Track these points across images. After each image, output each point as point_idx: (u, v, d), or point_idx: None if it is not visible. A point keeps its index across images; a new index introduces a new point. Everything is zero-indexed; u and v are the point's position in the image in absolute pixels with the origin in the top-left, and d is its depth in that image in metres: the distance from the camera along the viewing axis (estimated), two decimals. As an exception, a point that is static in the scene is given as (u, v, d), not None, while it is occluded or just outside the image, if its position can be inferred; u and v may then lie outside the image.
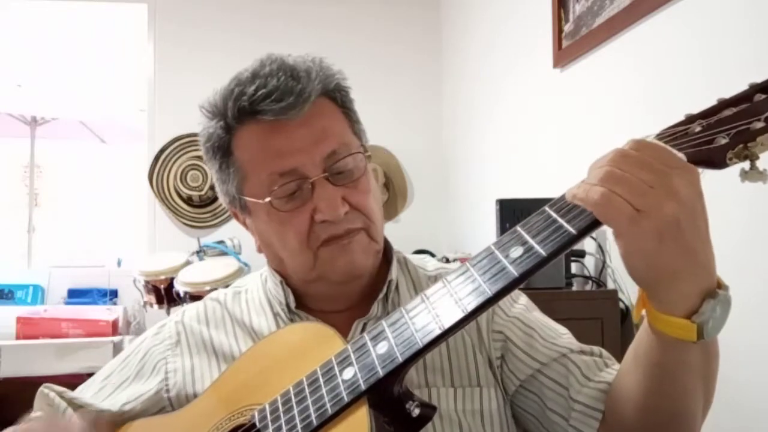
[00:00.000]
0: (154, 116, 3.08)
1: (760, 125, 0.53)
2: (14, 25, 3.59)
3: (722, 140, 0.54)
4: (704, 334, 0.54)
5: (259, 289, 0.88)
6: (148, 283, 2.44)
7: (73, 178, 4.79)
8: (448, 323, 0.57)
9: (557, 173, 1.98)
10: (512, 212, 1.68)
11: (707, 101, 0.60)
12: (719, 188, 1.24)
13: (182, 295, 2.25)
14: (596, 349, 0.80)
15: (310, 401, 0.63)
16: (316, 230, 0.75)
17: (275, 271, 0.84)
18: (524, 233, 0.58)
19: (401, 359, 0.58)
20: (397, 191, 3.14)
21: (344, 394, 0.60)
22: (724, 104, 0.58)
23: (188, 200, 3.03)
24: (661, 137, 0.58)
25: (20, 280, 2.96)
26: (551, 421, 0.74)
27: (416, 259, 0.91)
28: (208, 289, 2.14)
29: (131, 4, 3.14)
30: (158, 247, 3.03)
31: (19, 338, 2.40)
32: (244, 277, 0.95)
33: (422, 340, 0.58)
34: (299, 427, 0.61)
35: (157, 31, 3.09)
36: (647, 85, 1.50)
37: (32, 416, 0.83)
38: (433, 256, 2.61)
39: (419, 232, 3.08)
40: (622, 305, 1.56)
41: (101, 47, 3.79)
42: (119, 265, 3.21)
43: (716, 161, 0.54)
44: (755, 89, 0.57)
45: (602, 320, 1.54)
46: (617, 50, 1.64)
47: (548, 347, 0.78)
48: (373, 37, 3.19)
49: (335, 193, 0.74)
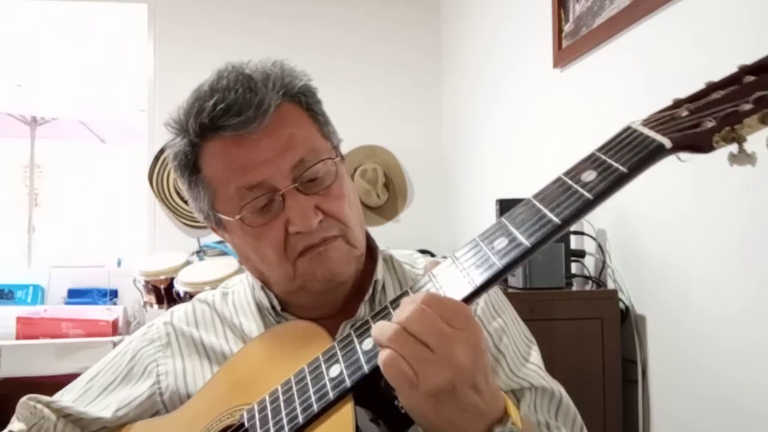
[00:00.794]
0: (154, 116, 3.08)
1: (748, 107, 0.52)
2: (14, 25, 3.59)
3: (709, 123, 0.53)
4: None
5: (246, 290, 0.87)
6: (148, 283, 2.44)
7: (73, 178, 4.79)
8: None
9: (557, 173, 1.97)
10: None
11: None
12: (720, 188, 1.24)
13: (182, 295, 2.25)
14: (557, 392, 0.79)
15: (297, 400, 0.63)
16: (291, 242, 0.74)
17: (257, 278, 0.84)
18: (509, 224, 0.58)
19: None
20: (397, 191, 3.14)
21: (330, 391, 0.60)
22: (712, 87, 0.57)
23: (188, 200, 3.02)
24: (647, 122, 0.57)
25: (20, 280, 2.96)
26: None
27: (404, 255, 0.89)
28: (208, 289, 2.14)
29: (131, 4, 3.14)
30: (158, 247, 3.03)
31: (19, 338, 2.40)
32: (231, 278, 0.94)
33: None
34: (286, 426, 0.61)
35: (157, 31, 3.09)
36: (647, 85, 1.50)
37: (13, 428, 0.82)
38: (433, 255, 2.61)
39: (419, 232, 3.08)
40: (622, 305, 1.56)
41: (101, 47, 3.79)
42: (119, 265, 3.21)
43: (703, 145, 0.53)
44: (744, 71, 0.56)
45: (602, 320, 1.54)
46: (617, 50, 1.64)
47: (509, 377, 0.77)
48: (373, 37, 3.19)
49: (307, 203, 0.73)
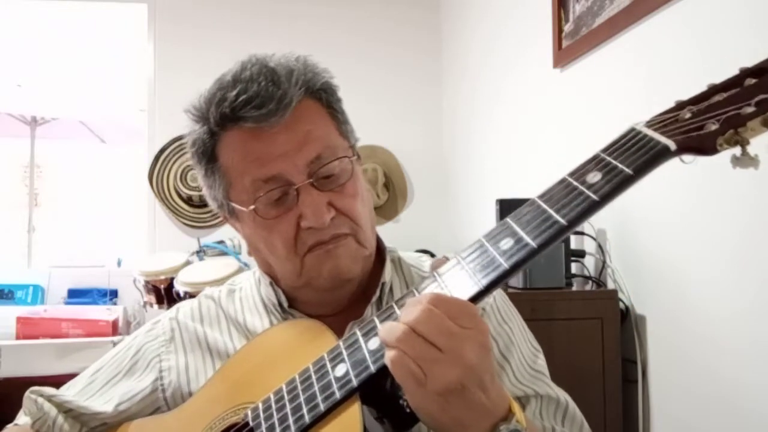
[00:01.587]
0: (154, 116, 3.08)
1: (750, 110, 0.52)
2: (14, 25, 3.59)
3: (712, 126, 0.53)
4: None
5: (252, 287, 0.87)
6: (148, 283, 2.44)
7: (73, 178, 4.79)
8: None
9: (557, 173, 1.97)
10: (512, 212, 1.68)
11: (707, 101, 0.59)
12: (720, 189, 1.24)
13: (182, 295, 2.25)
14: (563, 400, 0.79)
15: (302, 399, 0.62)
16: (302, 236, 0.75)
17: (265, 272, 0.84)
18: (514, 224, 0.58)
19: None
20: (397, 191, 3.14)
21: (336, 391, 0.60)
22: (714, 90, 0.57)
23: (188, 200, 3.02)
24: (650, 124, 0.57)
25: (20, 280, 2.96)
26: None
27: (412, 258, 0.89)
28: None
29: (131, 4, 3.14)
30: (158, 247, 3.03)
31: (19, 338, 2.40)
32: (239, 275, 0.94)
33: None
34: (292, 425, 0.61)
35: (157, 31, 3.09)
36: (647, 85, 1.50)
37: (20, 422, 0.82)
38: (433, 256, 2.61)
39: (419, 232, 3.08)
40: (622, 305, 1.56)
41: (101, 47, 3.79)
42: (119, 265, 3.21)
43: (706, 148, 0.53)
44: (745, 74, 0.57)
45: (602, 320, 1.54)
46: (617, 50, 1.64)
47: (514, 384, 0.78)
48: (373, 37, 3.19)
49: (320, 199, 0.73)
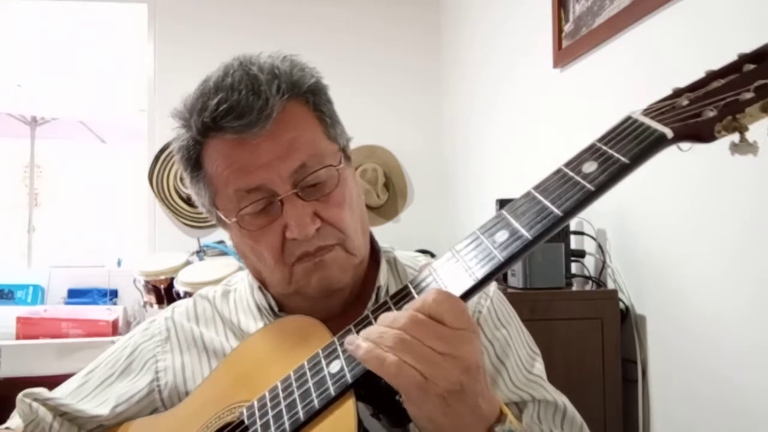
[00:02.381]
0: (154, 116, 3.08)
1: (749, 96, 0.52)
2: (14, 25, 3.58)
3: (710, 113, 0.53)
4: None
5: (246, 289, 0.87)
6: (148, 283, 2.44)
7: (73, 178, 4.78)
8: None
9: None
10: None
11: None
12: (720, 189, 1.24)
13: (182, 295, 2.25)
14: (561, 404, 0.78)
15: (297, 396, 0.62)
16: (288, 247, 0.73)
17: (255, 278, 0.83)
18: (509, 216, 0.57)
19: None
20: (397, 191, 3.14)
21: (331, 387, 0.60)
22: (712, 76, 0.57)
23: (188, 200, 3.02)
24: (647, 112, 0.57)
25: (20, 280, 2.96)
26: None
27: (408, 257, 0.88)
28: (208, 289, 2.14)
29: (131, 4, 3.14)
30: (158, 247, 3.03)
31: (19, 338, 2.40)
32: (235, 275, 0.94)
33: None
34: (287, 423, 0.61)
35: (157, 31, 3.09)
36: (647, 85, 1.50)
37: (11, 424, 0.82)
38: (433, 256, 2.61)
39: (419, 232, 3.08)
40: (622, 305, 1.56)
41: (101, 47, 3.79)
42: (119, 265, 3.21)
43: (704, 135, 0.53)
44: (744, 59, 0.56)
45: (602, 320, 1.54)
46: (617, 50, 1.64)
47: (510, 389, 0.77)
48: (373, 37, 3.19)
49: (305, 210, 0.71)
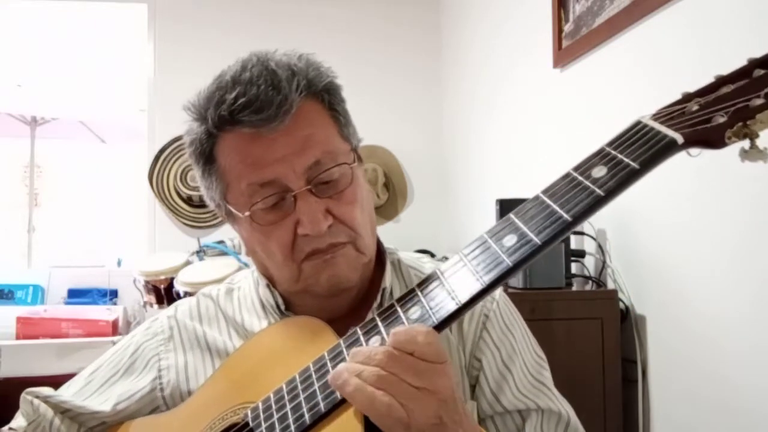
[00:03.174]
0: (154, 116, 3.08)
1: (759, 102, 0.51)
2: (14, 25, 3.58)
3: (720, 119, 0.52)
4: None
5: (251, 287, 0.86)
6: (148, 283, 2.44)
7: (73, 178, 4.78)
8: (441, 316, 0.57)
9: (557, 173, 1.97)
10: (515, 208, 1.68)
11: (707, 101, 0.59)
12: (720, 189, 1.24)
13: (182, 295, 2.25)
14: (564, 414, 0.78)
15: (302, 398, 0.62)
16: (299, 243, 0.73)
17: (262, 275, 0.83)
18: (517, 221, 0.57)
19: None
20: (397, 191, 3.14)
21: (337, 391, 0.59)
22: (721, 81, 0.56)
23: (188, 200, 3.02)
24: (657, 117, 0.56)
25: (20, 280, 2.96)
26: None
27: (412, 259, 0.88)
28: (208, 289, 2.14)
29: (131, 4, 3.14)
30: (158, 247, 3.03)
31: (19, 338, 2.40)
32: (238, 273, 0.93)
33: None
34: (292, 425, 0.61)
35: (157, 31, 3.09)
36: (647, 85, 1.50)
37: (14, 425, 0.82)
38: (433, 256, 2.61)
39: (419, 232, 3.08)
40: (621, 305, 1.56)
41: (101, 47, 3.79)
42: (119, 265, 3.21)
43: (714, 141, 0.52)
44: (754, 64, 0.55)
45: (602, 320, 1.54)
46: (617, 50, 1.64)
47: (516, 397, 0.76)
48: (373, 37, 3.19)
49: (318, 206, 0.71)
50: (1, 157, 4.61)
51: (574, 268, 1.76)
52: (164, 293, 2.41)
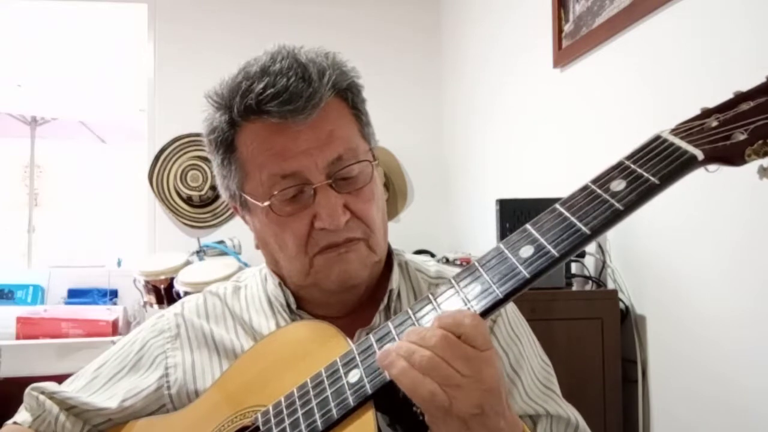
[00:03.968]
0: (154, 116, 3.08)
1: None
2: (14, 25, 3.58)
3: (740, 136, 0.52)
4: None
5: (258, 286, 0.86)
6: (148, 283, 2.44)
7: (73, 178, 4.79)
8: None
9: (557, 173, 1.98)
10: (512, 212, 1.68)
11: (708, 101, 0.59)
12: (721, 189, 1.24)
13: (182, 295, 2.25)
14: (573, 419, 0.78)
15: (314, 404, 0.61)
16: (314, 236, 0.74)
17: (273, 272, 0.83)
18: (535, 232, 0.57)
19: None
20: (397, 191, 3.14)
21: (350, 397, 0.59)
22: (741, 97, 0.56)
23: (188, 200, 3.03)
24: (676, 132, 0.56)
25: (20, 280, 2.96)
26: None
27: (418, 261, 0.88)
28: (208, 289, 2.14)
29: (131, 4, 3.14)
30: (158, 247, 3.02)
31: (19, 338, 2.40)
32: (244, 271, 0.93)
33: None
34: (304, 431, 0.60)
35: (157, 31, 3.08)
36: (647, 85, 1.50)
37: (18, 419, 0.82)
38: (433, 256, 2.61)
39: (419, 232, 3.07)
40: (622, 305, 1.56)
41: (101, 47, 3.78)
42: (119, 265, 3.21)
43: (734, 158, 0.52)
44: None
45: (602, 320, 1.54)
46: (617, 50, 1.64)
47: (525, 401, 0.77)
48: (373, 37, 3.19)
49: (337, 201, 0.72)
50: (1, 157, 4.61)
51: (574, 268, 1.76)
52: (164, 293, 2.41)
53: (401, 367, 0.54)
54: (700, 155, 0.52)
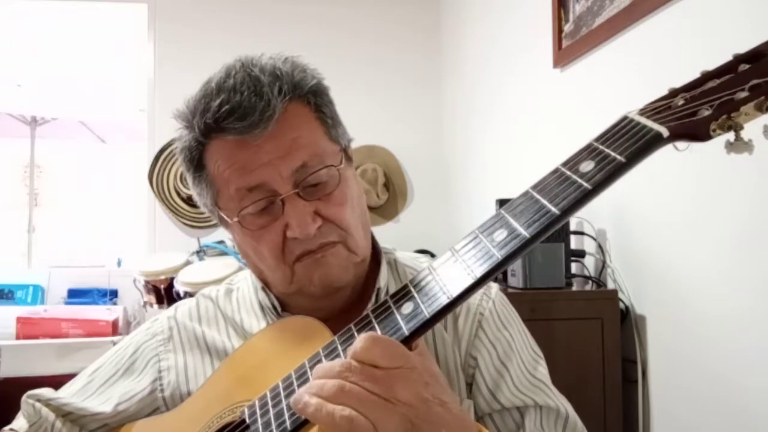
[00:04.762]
0: (154, 116, 3.08)
1: (743, 95, 0.52)
2: (14, 25, 3.58)
3: (705, 112, 0.53)
4: None
5: (249, 288, 0.87)
6: (148, 283, 2.44)
7: (73, 178, 4.79)
8: (433, 310, 0.57)
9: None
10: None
11: (707, 101, 0.59)
12: (720, 188, 1.24)
13: (182, 295, 2.25)
14: (563, 410, 0.77)
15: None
16: (289, 246, 0.74)
17: (257, 278, 0.83)
18: (508, 215, 0.58)
19: None
20: (397, 191, 3.14)
21: None
22: (708, 76, 0.57)
23: (188, 200, 3.03)
24: (643, 112, 0.57)
25: (20, 280, 2.96)
26: None
27: (409, 259, 0.88)
28: (208, 289, 2.14)
29: (131, 4, 3.14)
30: (158, 247, 3.03)
31: (19, 338, 2.40)
32: (237, 274, 0.94)
33: (408, 328, 0.57)
34: (287, 421, 0.61)
35: (157, 31, 3.09)
36: (647, 85, 1.50)
37: (15, 426, 0.82)
38: (433, 256, 2.61)
39: (419, 232, 3.08)
40: (622, 305, 1.56)
41: (101, 47, 3.79)
42: (119, 265, 3.21)
43: (700, 133, 0.53)
44: (739, 60, 0.56)
45: (602, 320, 1.54)
46: (617, 50, 1.64)
47: (514, 394, 0.76)
48: (373, 37, 3.19)
49: (306, 209, 0.72)
50: (1, 157, 4.61)
51: (574, 268, 1.76)
52: (164, 293, 2.41)
53: (315, 403, 0.53)
54: (665, 132, 0.53)
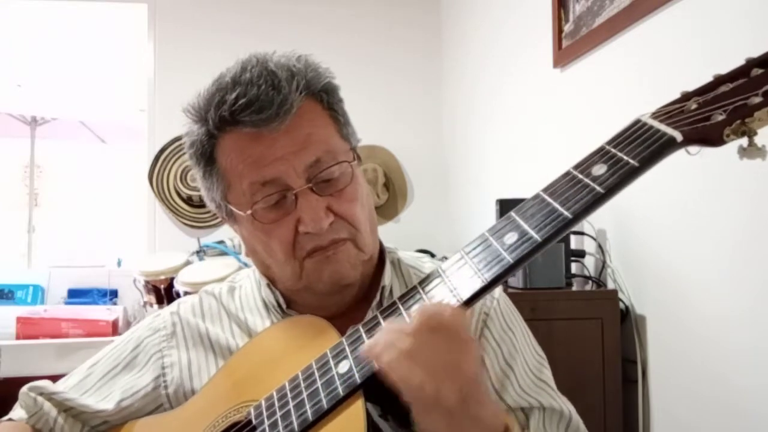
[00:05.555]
0: (154, 116, 3.08)
1: (757, 100, 0.52)
2: (14, 25, 3.58)
3: (719, 117, 0.53)
4: None
5: (253, 286, 0.87)
6: (148, 283, 2.44)
7: (73, 178, 4.78)
8: None
9: (557, 173, 1.97)
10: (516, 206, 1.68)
11: (707, 101, 0.59)
12: (721, 188, 1.24)
13: (182, 295, 2.25)
14: (566, 412, 0.78)
15: (305, 396, 0.62)
16: (300, 241, 0.74)
17: (263, 274, 0.83)
18: (518, 218, 0.58)
19: None
20: (397, 191, 3.14)
21: (339, 387, 0.60)
22: (720, 80, 0.57)
23: (188, 200, 3.02)
24: (656, 116, 0.57)
25: (20, 280, 2.96)
26: None
27: (412, 258, 0.88)
28: (208, 289, 2.14)
29: (131, 4, 3.14)
30: (158, 247, 3.02)
31: (19, 338, 2.40)
32: (239, 272, 0.94)
33: None
34: (295, 422, 0.61)
35: (157, 31, 3.08)
36: (647, 85, 1.50)
37: (14, 416, 0.82)
38: (433, 256, 2.61)
39: (419, 232, 3.07)
40: (622, 305, 1.56)
41: (101, 47, 3.78)
42: (119, 265, 3.21)
43: (713, 138, 0.53)
44: (752, 64, 0.56)
45: (602, 320, 1.54)
46: (617, 50, 1.64)
47: (519, 395, 0.77)
48: (373, 37, 3.19)
49: (319, 204, 0.73)
50: (1, 157, 4.61)
51: (574, 268, 1.76)
52: (164, 293, 2.42)
53: (391, 355, 0.55)
54: (678, 137, 0.53)
